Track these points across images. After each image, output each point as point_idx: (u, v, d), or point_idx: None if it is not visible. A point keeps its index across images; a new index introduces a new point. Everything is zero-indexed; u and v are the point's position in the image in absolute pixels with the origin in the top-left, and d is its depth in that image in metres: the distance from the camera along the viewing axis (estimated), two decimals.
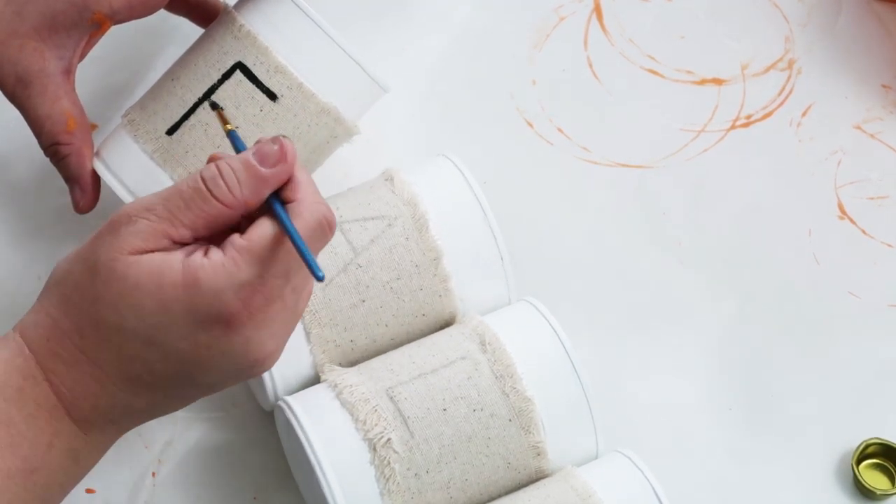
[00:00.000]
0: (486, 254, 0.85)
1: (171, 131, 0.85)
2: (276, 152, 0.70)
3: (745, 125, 1.00)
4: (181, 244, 0.70)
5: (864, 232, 0.96)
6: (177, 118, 0.85)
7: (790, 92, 1.01)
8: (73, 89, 0.86)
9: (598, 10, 1.03)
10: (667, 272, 0.94)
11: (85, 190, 0.87)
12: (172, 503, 0.86)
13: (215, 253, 0.69)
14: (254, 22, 0.85)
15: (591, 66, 1.01)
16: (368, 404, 0.79)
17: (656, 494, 0.79)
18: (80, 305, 0.70)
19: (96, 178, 0.87)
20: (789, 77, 1.01)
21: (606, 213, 0.96)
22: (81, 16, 0.84)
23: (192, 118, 0.85)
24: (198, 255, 0.69)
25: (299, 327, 0.83)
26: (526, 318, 0.83)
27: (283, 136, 0.71)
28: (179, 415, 0.88)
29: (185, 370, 0.70)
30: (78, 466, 0.72)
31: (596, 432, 0.82)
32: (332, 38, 0.85)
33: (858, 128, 1.00)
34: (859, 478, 0.86)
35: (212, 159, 0.72)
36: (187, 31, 1.00)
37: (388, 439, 0.78)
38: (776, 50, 1.02)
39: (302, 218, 0.69)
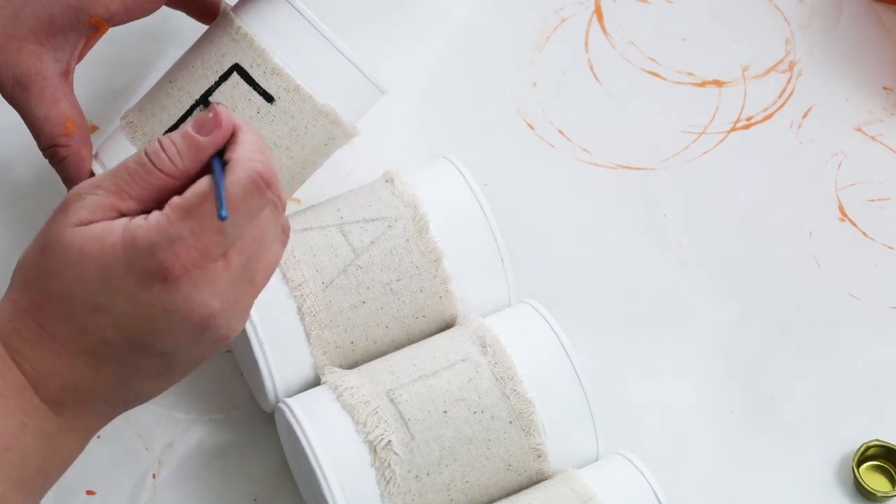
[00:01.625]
0: (487, 255, 0.85)
1: (168, 132, 0.85)
2: (211, 119, 0.72)
3: (746, 127, 1.00)
4: (129, 216, 0.71)
5: (864, 234, 0.96)
6: (174, 120, 0.85)
7: (791, 94, 1.01)
8: (72, 91, 0.86)
9: (598, 11, 1.03)
10: (667, 274, 0.94)
11: None
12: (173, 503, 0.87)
13: (154, 214, 0.70)
14: (251, 24, 0.85)
15: (591, 67, 1.01)
16: (369, 406, 0.79)
17: (657, 497, 0.79)
18: (34, 282, 0.71)
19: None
20: (790, 79, 1.01)
21: (607, 215, 0.96)
22: (79, 19, 0.84)
23: (190, 120, 0.85)
24: (139, 219, 0.70)
25: (299, 329, 0.83)
26: (526, 319, 0.83)
27: (219, 104, 0.73)
28: (180, 416, 0.88)
29: (136, 336, 0.71)
30: (55, 450, 0.72)
31: (596, 434, 0.82)
32: (330, 41, 0.85)
33: (859, 130, 1.00)
34: (860, 480, 0.86)
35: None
36: (188, 33, 1.00)
37: (389, 441, 0.78)
38: (777, 52, 1.02)
39: (233, 174, 0.70)
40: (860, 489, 0.87)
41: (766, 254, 0.95)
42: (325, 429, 0.79)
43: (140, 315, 0.70)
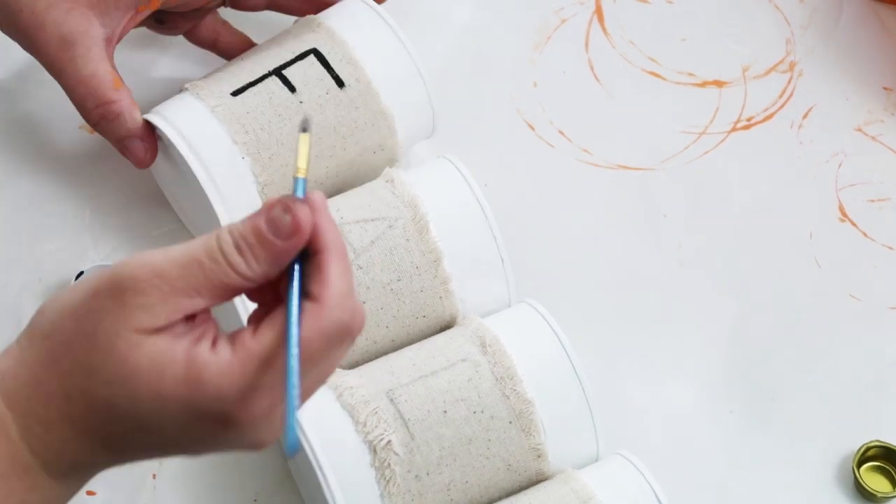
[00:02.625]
0: (487, 255, 0.85)
1: (235, 94, 0.86)
2: (289, 225, 0.64)
3: (746, 127, 1.00)
4: (192, 316, 0.64)
5: (864, 234, 0.96)
6: (243, 83, 0.87)
7: (791, 94, 1.01)
8: (113, 59, 0.85)
9: (599, 11, 1.03)
10: (667, 274, 0.94)
11: (145, 140, 0.85)
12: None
13: (224, 349, 0.64)
14: (334, 22, 0.88)
15: (592, 68, 1.01)
16: (369, 406, 0.79)
17: (657, 497, 0.79)
18: (72, 372, 0.64)
19: (152, 131, 0.86)
20: (790, 79, 1.01)
21: (607, 215, 0.96)
22: None
23: (259, 86, 0.86)
24: (204, 348, 0.64)
25: None
26: (526, 319, 0.83)
27: (296, 201, 0.64)
28: None
29: (176, 453, 0.66)
30: None
31: (596, 435, 0.82)
32: (410, 54, 0.88)
33: (859, 130, 1.00)
34: (860, 480, 0.86)
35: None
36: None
37: (389, 441, 0.78)
38: (777, 52, 1.02)
39: (319, 321, 0.63)
40: (860, 490, 0.87)
41: (766, 254, 0.95)
42: (324, 429, 0.79)
43: (186, 441, 0.65)
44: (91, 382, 0.63)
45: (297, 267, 0.65)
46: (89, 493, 0.86)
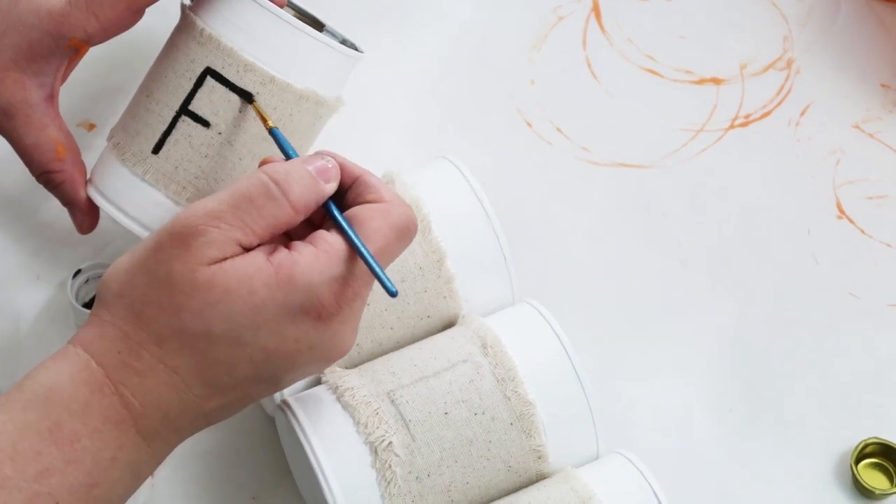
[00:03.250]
0: (489, 254, 0.85)
1: (156, 149, 0.85)
2: (332, 169, 0.73)
3: (744, 125, 1.00)
4: (249, 248, 0.70)
5: (863, 231, 0.96)
6: (158, 135, 0.85)
7: (789, 91, 1.01)
8: (59, 115, 0.86)
9: (596, 10, 1.03)
10: (666, 272, 0.94)
11: (85, 212, 0.87)
12: (172, 503, 0.86)
13: (304, 247, 0.70)
14: (214, 24, 0.85)
15: (589, 65, 1.01)
16: (370, 407, 0.79)
17: (656, 496, 0.79)
18: (158, 317, 0.69)
19: (92, 201, 0.87)
20: (788, 76, 1.01)
21: (606, 213, 0.96)
22: (58, 43, 0.83)
23: (175, 133, 0.84)
24: (283, 253, 0.70)
25: None
26: (528, 320, 0.83)
27: (326, 153, 0.74)
28: None
29: (269, 368, 0.70)
30: (137, 480, 0.71)
31: (597, 436, 0.82)
32: (291, 23, 0.84)
33: (857, 127, 1.00)
34: (858, 477, 0.87)
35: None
36: None
37: (390, 443, 0.78)
38: (775, 49, 1.02)
39: (390, 216, 0.72)
40: (858, 487, 0.87)
41: (764, 251, 0.95)
42: (325, 429, 0.79)
43: (282, 350, 0.70)
44: (180, 320, 0.69)
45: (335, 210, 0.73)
46: None
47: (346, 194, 0.74)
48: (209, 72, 0.84)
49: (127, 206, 0.85)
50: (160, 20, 0.98)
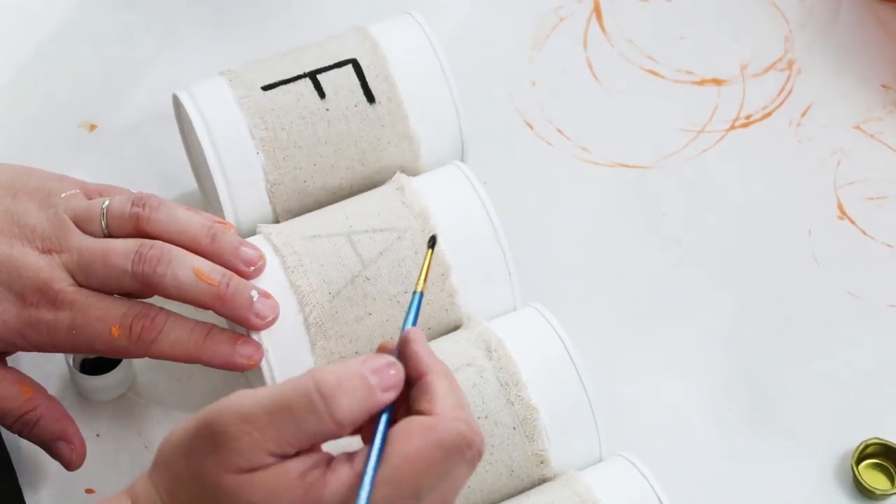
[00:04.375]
0: (495, 269, 0.84)
1: (266, 87, 0.86)
2: (394, 376, 0.66)
3: (745, 125, 1.00)
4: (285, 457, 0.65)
5: (863, 232, 0.96)
6: (276, 79, 0.86)
7: (790, 92, 1.01)
8: (6, 365, 0.82)
9: (597, 10, 1.03)
10: (667, 272, 0.94)
11: (73, 441, 0.83)
12: None
13: (341, 468, 0.65)
14: (383, 37, 0.88)
15: (590, 66, 1.01)
16: None
17: (659, 500, 0.79)
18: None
19: (76, 428, 0.84)
20: (789, 77, 1.01)
21: (606, 214, 0.96)
22: None
23: (291, 85, 0.86)
24: (317, 473, 0.64)
25: (304, 339, 0.82)
26: (532, 324, 0.83)
27: (394, 362, 0.67)
28: (179, 415, 0.88)
29: None
30: None
31: (600, 440, 0.81)
32: (449, 84, 0.87)
33: (858, 128, 1.00)
34: (859, 478, 0.86)
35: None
36: (186, 33, 1.00)
37: None
38: (776, 50, 1.02)
39: (436, 433, 0.65)
40: (859, 487, 0.87)
41: (765, 252, 0.95)
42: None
43: None
44: None
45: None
46: (88, 490, 0.86)
47: (410, 394, 0.67)
48: (353, 63, 0.88)
49: (209, 115, 0.85)
50: (163, 24, 0.98)
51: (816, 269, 0.95)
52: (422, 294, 0.72)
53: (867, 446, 0.87)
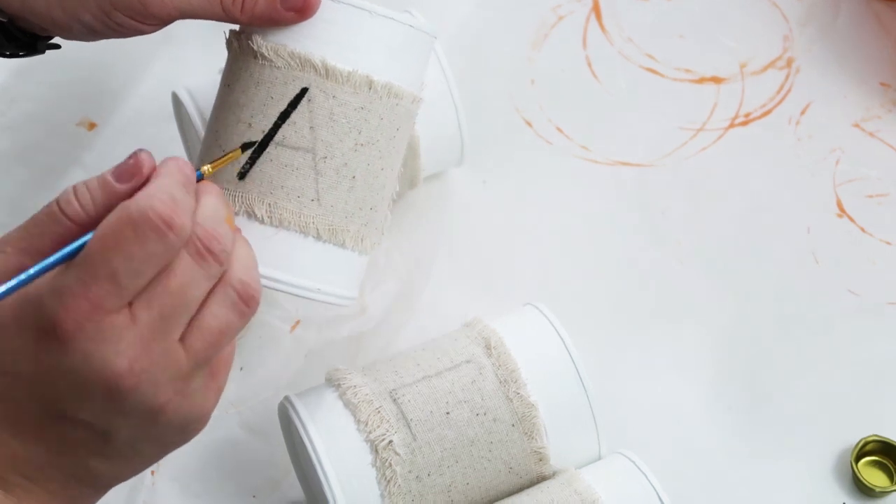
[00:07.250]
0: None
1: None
2: (131, 165, 0.65)
3: (744, 123, 1.00)
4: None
5: (863, 230, 0.96)
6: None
7: (789, 90, 1.01)
8: None
9: (596, 9, 1.03)
10: (666, 270, 0.94)
11: None
12: (172, 502, 0.86)
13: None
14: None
15: (590, 65, 1.02)
16: (371, 405, 0.79)
17: (659, 497, 0.79)
18: None
19: None
20: (788, 75, 1.02)
21: (605, 212, 0.96)
22: None
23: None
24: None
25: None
26: (531, 322, 0.83)
27: (142, 150, 0.66)
28: None
29: (50, 401, 0.65)
30: None
31: (599, 439, 0.82)
32: (449, 84, 0.86)
33: (857, 126, 1.00)
34: (858, 475, 0.87)
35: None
36: (182, 34, 1.00)
37: (391, 441, 0.78)
38: (775, 48, 1.03)
39: (118, 208, 0.64)
40: (858, 484, 0.87)
41: (764, 250, 0.95)
42: (326, 427, 0.79)
43: (45, 377, 0.64)
44: None
45: None
46: None
47: None
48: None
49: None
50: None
51: (816, 266, 0.95)
52: (202, 174, 0.70)
53: (866, 443, 0.88)
